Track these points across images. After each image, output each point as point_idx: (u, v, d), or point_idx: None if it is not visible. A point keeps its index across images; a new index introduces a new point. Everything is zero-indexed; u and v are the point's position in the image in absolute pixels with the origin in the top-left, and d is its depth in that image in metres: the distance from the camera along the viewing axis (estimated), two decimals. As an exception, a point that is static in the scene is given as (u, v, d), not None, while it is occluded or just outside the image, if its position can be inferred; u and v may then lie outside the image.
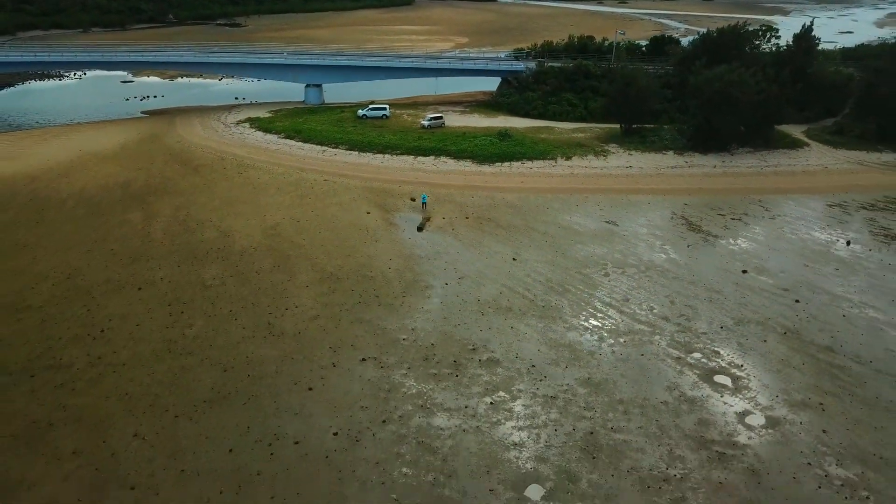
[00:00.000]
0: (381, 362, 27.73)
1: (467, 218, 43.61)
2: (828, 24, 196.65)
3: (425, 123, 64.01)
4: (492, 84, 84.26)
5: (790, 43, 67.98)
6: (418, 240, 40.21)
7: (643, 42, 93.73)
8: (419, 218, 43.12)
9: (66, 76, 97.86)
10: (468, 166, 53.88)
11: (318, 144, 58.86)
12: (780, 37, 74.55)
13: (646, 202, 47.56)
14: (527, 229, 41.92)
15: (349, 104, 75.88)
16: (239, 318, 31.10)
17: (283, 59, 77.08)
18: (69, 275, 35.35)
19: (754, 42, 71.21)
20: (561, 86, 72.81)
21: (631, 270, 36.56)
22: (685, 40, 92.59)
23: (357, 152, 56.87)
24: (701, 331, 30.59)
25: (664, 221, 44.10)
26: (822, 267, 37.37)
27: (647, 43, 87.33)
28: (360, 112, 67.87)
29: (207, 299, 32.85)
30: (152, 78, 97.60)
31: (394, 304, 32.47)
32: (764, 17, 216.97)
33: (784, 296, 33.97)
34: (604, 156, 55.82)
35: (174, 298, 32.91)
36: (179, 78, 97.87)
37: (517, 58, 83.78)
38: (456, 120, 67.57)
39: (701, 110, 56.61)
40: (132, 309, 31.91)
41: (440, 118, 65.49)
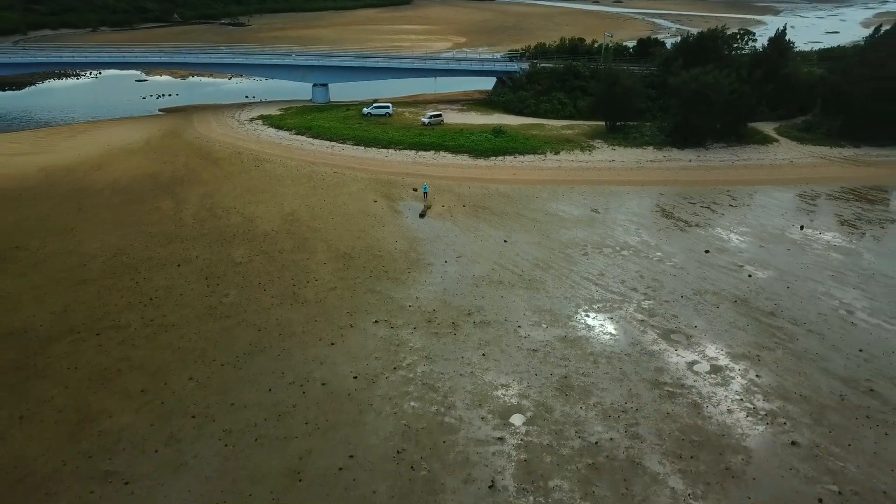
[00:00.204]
0: (391, 323, 32.83)
1: (464, 206, 48.66)
2: (816, 25, 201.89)
3: (426, 121, 68.93)
4: (488, 83, 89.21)
5: (765, 45, 73.18)
6: (420, 225, 45.26)
7: (633, 41, 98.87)
8: (421, 206, 48.13)
9: (83, 75, 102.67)
10: (465, 160, 58.91)
11: (327, 140, 63.82)
12: (757, 40, 79.71)
13: (625, 192, 52.68)
14: (517, 216, 46.99)
15: (354, 102, 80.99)
16: (267, 289, 36.18)
17: (292, 60, 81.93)
18: (115, 254, 40.38)
19: (732, 45, 76.32)
20: (552, 85, 77.78)
21: (608, 251, 41.69)
22: (671, 41, 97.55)
23: (363, 147, 61.84)
24: (664, 299, 35.73)
25: (640, 209, 49.21)
26: (776, 247, 42.57)
27: (635, 45, 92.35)
28: (365, 110, 72.81)
29: (238, 274, 37.93)
30: (165, 77, 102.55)
31: (400, 278, 37.56)
32: (755, 17, 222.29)
33: (739, 271, 39.15)
34: (589, 150, 60.91)
35: (210, 273, 37.98)
36: (191, 77, 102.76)
37: (512, 59, 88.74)
38: (454, 117, 72.58)
39: (679, 109, 61.68)
40: (174, 282, 36.98)
41: (439, 116, 70.42)
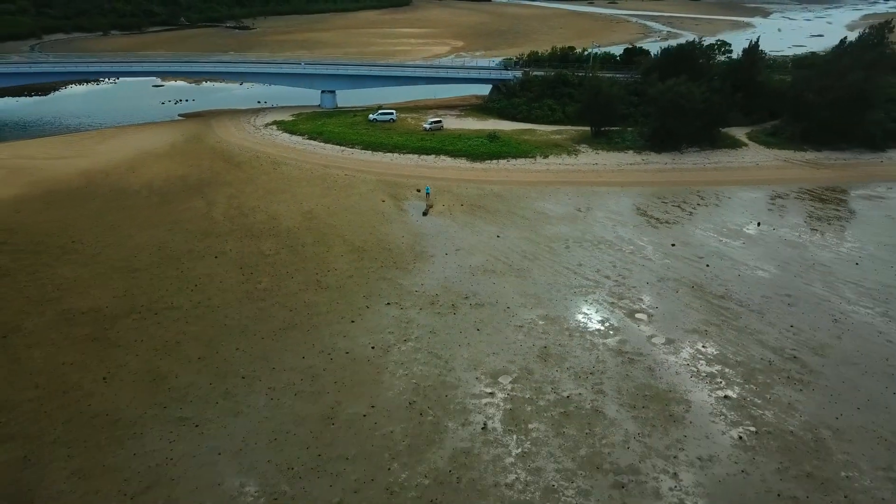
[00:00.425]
0: (401, 305, 39.11)
1: (462, 205, 54.87)
2: (803, 27, 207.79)
3: (427, 127, 75.10)
4: (484, 88, 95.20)
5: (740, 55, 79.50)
6: (423, 222, 51.47)
7: (622, 47, 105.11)
8: (424, 205, 54.35)
9: (103, 81, 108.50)
10: (463, 163, 65.13)
11: (338, 145, 69.98)
12: (732, 51, 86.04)
13: (606, 193, 58.98)
14: (509, 214, 53.24)
15: (359, 108, 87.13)
16: (294, 277, 42.42)
17: (302, 69, 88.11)
18: (159, 247, 46.58)
19: (710, 55, 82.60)
20: (543, 93, 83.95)
21: (587, 244, 47.97)
22: (661, 44, 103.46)
23: (371, 151, 68.04)
24: (632, 285, 42.03)
25: (618, 208, 55.50)
26: (733, 241, 48.89)
27: (622, 53, 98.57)
28: (371, 116, 78.93)
29: (269, 264, 44.16)
30: (180, 82, 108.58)
31: (407, 268, 43.81)
32: (744, 19, 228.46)
33: (698, 262, 45.47)
34: (575, 154, 67.16)
35: (244, 263, 44.21)
36: (204, 82, 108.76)
37: (506, 67, 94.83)
38: (453, 123, 78.81)
39: (657, 116, 67.94)
40: (214, 270, 43.21)
41: (440, 122, 76.55)
